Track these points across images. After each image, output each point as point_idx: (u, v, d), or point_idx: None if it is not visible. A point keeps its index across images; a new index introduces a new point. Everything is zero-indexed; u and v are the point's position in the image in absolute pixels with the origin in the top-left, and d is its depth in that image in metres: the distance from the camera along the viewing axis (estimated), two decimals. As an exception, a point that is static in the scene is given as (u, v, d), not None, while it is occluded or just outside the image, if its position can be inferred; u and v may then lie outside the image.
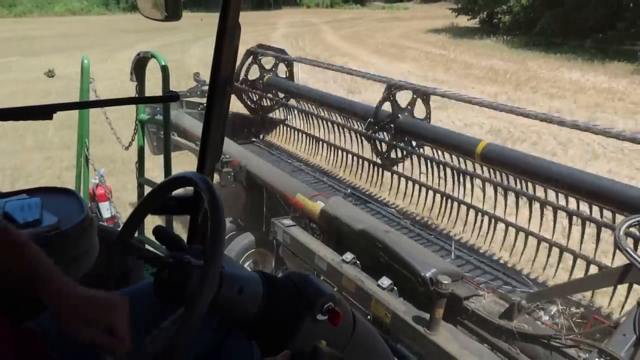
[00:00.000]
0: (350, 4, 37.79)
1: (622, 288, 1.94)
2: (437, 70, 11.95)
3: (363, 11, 34.04)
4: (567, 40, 16.02)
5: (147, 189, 2.53)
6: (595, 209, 2.27)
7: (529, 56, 14.40)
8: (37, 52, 13.88)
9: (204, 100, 4.28)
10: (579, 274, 2.30)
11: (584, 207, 2.32)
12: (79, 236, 1.32)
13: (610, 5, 15.27)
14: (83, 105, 2.82)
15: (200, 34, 16.60)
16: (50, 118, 1.18)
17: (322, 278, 2.29)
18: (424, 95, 3.19)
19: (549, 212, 2.47)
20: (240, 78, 4.26)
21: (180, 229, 3.10)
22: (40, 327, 0.99)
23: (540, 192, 2.48)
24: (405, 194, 3.20)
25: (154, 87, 2.85)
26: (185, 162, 4.72)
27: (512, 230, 2.61)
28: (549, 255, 2.48)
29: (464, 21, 22.42)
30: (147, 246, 2.05)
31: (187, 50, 14.56)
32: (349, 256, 2.25)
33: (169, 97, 2.16)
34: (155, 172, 3.54)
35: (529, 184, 2.50)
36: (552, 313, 2.07)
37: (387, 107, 3.24)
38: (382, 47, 15.88)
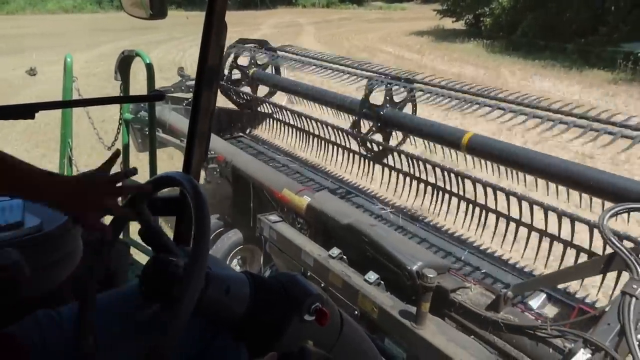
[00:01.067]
0: (346, 4, 37.02)
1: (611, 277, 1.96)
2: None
3: (357, 12, 33.54)
4: (550, 44, 15.47)
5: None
6: (586, 197, 2.29)
7: (506, 62, 13.93)
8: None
9: (189, 95, 4.25)
10: (569, 263, 2.32)
11: (575, 197, 2.33)
12: (62, 237, 1.31)
13: (595, 7, 14.94)
14: (66, 104, 2.78)
15: (176, 34, 16.43)
16: (33, 117, 1.16)
17: (309, 274, 2.29)
18: (411, 91, 3.20)
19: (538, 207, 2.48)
20: (225, 74, 4.22)
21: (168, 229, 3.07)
22: (22, 331, 0.98)
23: (529, 182, 2.50)
24: (395, 186, 3.21)
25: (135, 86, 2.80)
26: (171, 159, 4.68)
27: (502, 221, 2.62)
28: (529, 242, 2.50)
29: (449, 23, 22.09)
30: (131, 248, 2.04)
31: (150, 52, 14.22)
32: (335, 251, 2.26)
33: (154, 97, 2.14)
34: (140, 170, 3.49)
35: (518, 174, 2.52)
36: (538, 303, 2.10)
37: (373, 100, 3.24)
38: (355, 50, 15.46)
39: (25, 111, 1.14)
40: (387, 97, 3.14)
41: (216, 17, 1.17)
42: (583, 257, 2.24)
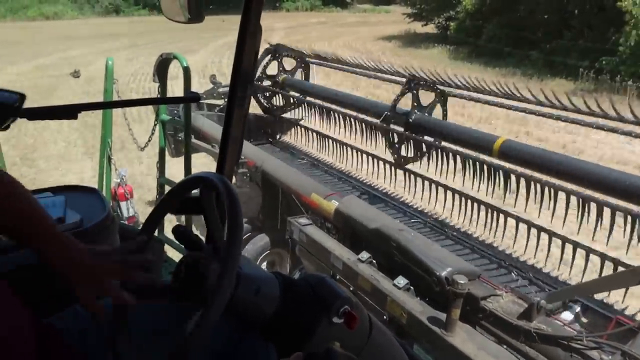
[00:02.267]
0: (330, 7, 35.96)
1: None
2: (343, 87, 10.08)
3: (338, 15, 32.57)
4: (515, 51, 14.61)
5: (168, 189, 2.56)
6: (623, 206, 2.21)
7: (466, 69, 12.86)
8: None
9: (220, 102, 4.33)
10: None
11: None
12: (100, 234, 1.35)
13: (562, 12, 14.06)
14: (106, 105, 2.88)
15: (138, 41, 16.70)
16: (75, 117, 1.21)
17: (337, 277, 2.29)
18: (441, 95, 3.18)
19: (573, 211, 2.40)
20: (257, 75, 4.27)
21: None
22: (62, 323, 1.01)
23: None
24: (422, 192, 3.18)
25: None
26: (202, 165, 4.78)
27: (533, 231, 2.56)
28: (564, 254, 2.43)
29: (420, 27, 21.28)
30: (165, 245, 2.08)
31: (82, 64, 13.40)
32: (364, 255, 2.25)
33: (190, 98, 2.19)
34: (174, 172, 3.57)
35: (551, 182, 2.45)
36: (574, 314, 2.04)
37: (402, 105, 3.23)
38: None
39: (68, 112, 1.19)
40: (415, 103, 3.12)
41: (252, 20, 1.19)
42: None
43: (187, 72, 2.56)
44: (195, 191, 1.15)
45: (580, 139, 7.11)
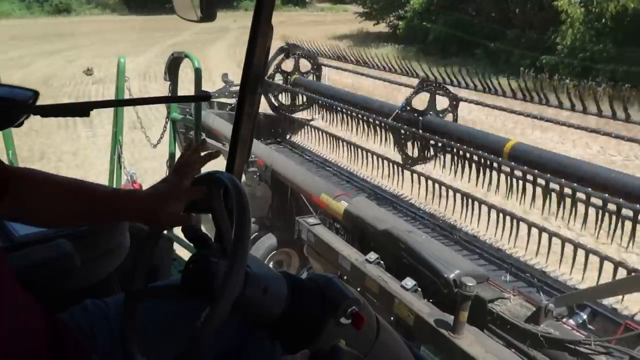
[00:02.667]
0: (289, 6, 34.52)
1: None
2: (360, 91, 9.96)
3: (295, 14, 30.89)
4: (462, 49, 14.47)
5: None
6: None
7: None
8: None
9: (232, 100, 4.35)
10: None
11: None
12: (110, 231, 1.37)
13: (506, 11, 14.01)
14: (118, 103, 2.90)
15: (84, 42, 16.38)
16: (88, 115, 1.23)
17: (345, 278, 2.29)
18: (454, 100, 3.18)
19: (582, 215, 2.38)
20: (269, 72, 4.28)
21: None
22: (73, 319, 1.03)
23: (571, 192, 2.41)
24: (433, 194, 3.17)
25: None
26: (212, 163, 4.79)
27: (545, 235, 2.54)
28: (577, 260, 2.41)
29: (372, 27, 20.59)
30: (174, 244, 2.10)
31: (18, 67, 13.05)
32: (372, 256, 2.25)
33: (201, 97, 2.22)
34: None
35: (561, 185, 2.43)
36: (582, 318, 2.02)
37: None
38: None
39: (81, 109, 1.21)
40: (430, 104, 3.12)
41: (263, 20, 1.19)
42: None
43: (198, 71, 2.58)
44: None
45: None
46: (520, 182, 2.57)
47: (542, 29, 12.42)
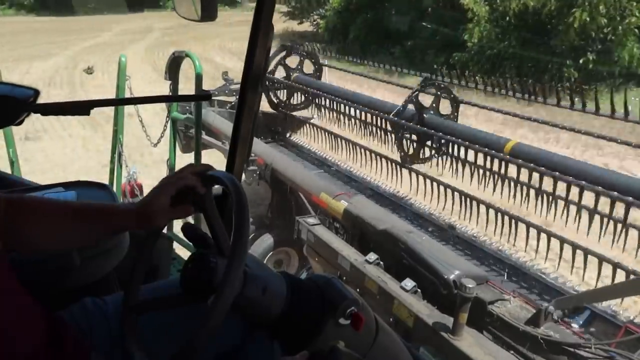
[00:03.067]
0: (219, 5, 34.50)
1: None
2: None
3: (225, 14, 28.83)
4: (381, 47, 14.37)
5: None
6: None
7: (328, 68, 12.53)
8: None
9: (232, 99, 4.34)
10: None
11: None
12: None
13: (421, 9, 14.11)
14: (119, 102, 2.90)
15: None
16: (88, 114, 1.22)
17: (344, 278, 2.29)
18: (454, 102, 3.18)
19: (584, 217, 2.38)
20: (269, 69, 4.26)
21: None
22: (71, 317, 1.03)
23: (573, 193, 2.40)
24: (432, 195, 3.16)
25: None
26: (212, 161, 4.79)
27: (543, 236, 2.54)
28: (577, 262, 2.41)
29: (304, 26, 19.99)
30: (174, 243, 2.10)
31: None
32: (372, 256, 2.25)
33: (201, 96, 2.21)
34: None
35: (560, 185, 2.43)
36: (582, 321, 2.02)
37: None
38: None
39: (81, 108, 1.20)
40: (434, 105, 3.12)
41: (263, 19, 1.19)
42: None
43: (199, 70, 2.58)
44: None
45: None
46: (522, 181, 2.56)
47: (454, 27, 12.57)
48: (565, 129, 2.66)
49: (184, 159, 3.79)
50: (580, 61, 9.98)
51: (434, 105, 3.16)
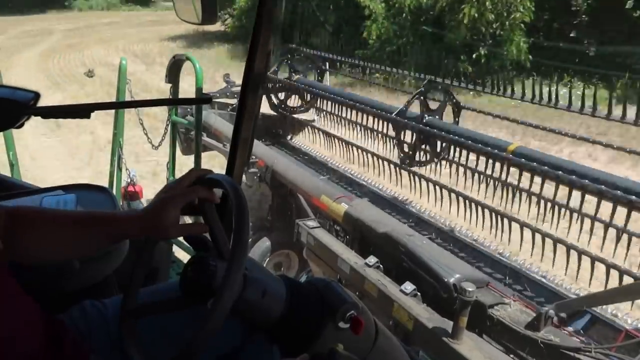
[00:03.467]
0: (130, 5, 31.05)
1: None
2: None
3: (134, 14, 27.65)
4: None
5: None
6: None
7: (232, 68, 11.28)
8: None
9: (234, 101, 4.35)
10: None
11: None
12: None
13: (324, 8, 13.83)
14: (119, 105, 2.91)
15: None
16: (89, 117, 1.23)
17: (344, 282, 2.28)
18: (456, 106, 3.17)
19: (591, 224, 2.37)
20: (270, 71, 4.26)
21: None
22: (71, 320, 1.03)
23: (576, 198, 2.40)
24: (435, 198, 3.16)
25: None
26: (213, 163, 4.80)
27: (539, 237, 2.53)
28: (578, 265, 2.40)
29: (216, 26, 18.72)
30: (174, 245, 2.10)
31: None
32: (372, 260, 2.24)
33: (202, 99, 2.22)
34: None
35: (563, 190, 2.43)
36: (583, 325, 2.01)
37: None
38: (77, 65, 12.90)
39: (82, 111, 1.21)
40: (424, 108, 3.12)
41: (264, 21, 1.19)
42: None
43: (199, 73, 2.59)
44: None
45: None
46: (524, 183, 2.56)
47: (356, 25, 12.71)
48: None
49: (181, 160, 3.79)
50: (474, 56, 10.40)
51: (439, 108, 3.15)
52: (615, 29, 11.23)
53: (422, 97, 3.15)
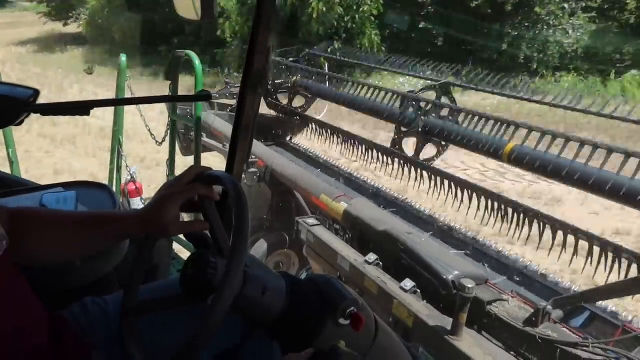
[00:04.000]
0: None
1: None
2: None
3: None
4: (149, 47, 13.89)
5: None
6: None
7: (95, 76, 11.70)
8: None
9: (234, 102, 4.35)
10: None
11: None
12: None
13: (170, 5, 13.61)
14: (119, 102, 2.91)
15: None
16: (88, 114, 1.23)
17: (344, 279, 2.29)
18: (453, 103, 3.19)
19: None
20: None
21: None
22: (72, 316, 1.03)
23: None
24: (432, 194, 3.16)
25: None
26: (213, 164, 4.80)
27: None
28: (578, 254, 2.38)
29: (62, 27, 18.04)
30: (174, 243, 2.11)
31: None
32: (372, 257, 2.25)
33: (202, 97, 2.22)
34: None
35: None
36: (581, 321, 2.02)
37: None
38: None
39: (81, 108, 1.21)
40: (436, 107, 3.13)
41: (263, 21, 1.20)
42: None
43: (198, 71, 2.60)
44: None
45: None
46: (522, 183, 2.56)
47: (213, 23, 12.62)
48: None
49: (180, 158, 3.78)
50: (329, 50, 10.50)
51: (435, 107, 3.16)
52: (461, 19, 11.67)
53: (417, 98, 3.16)
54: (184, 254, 2.19)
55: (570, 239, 2.34)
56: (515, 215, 2.58)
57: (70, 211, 1.03)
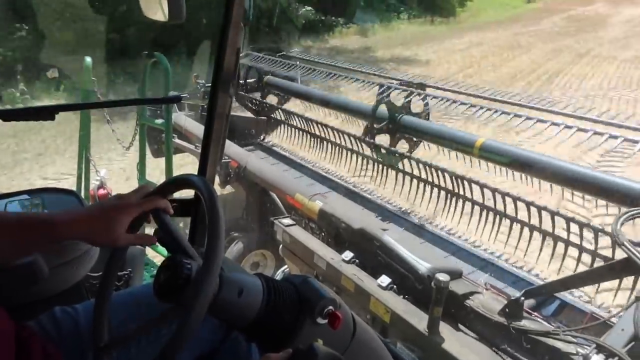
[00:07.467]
0: None
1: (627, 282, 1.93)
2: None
3: None
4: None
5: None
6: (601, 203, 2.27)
7: None
8: None
9: (204, 102, 4.30)
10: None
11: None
12: None
13: None
14: (85, 106, 2.83)
15: None
16: (53, 119, 1.19)
17: (320, 278, 2.29)
18: (427, 103, 3.24)
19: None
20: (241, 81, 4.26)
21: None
22: (40, 327, 1.01)
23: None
24: (408, 191, 3.20)
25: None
26: (186, 164, 4.74)
27: (514, 226, 2.60)
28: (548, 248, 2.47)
29: None
30: (147, 249, 2.07)
31: None
32: (348, 255, 2.26)
33: (171, 99, 2.19)
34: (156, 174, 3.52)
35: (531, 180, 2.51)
36: (552, 310, 2.08)
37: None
38: None
39: (45, 113, 1.17)
40: (406, 105, 3.17)
41: (233, 19, 1.18)
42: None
43: (167, 73, 2.55)
44: (185, 194, 1.14)
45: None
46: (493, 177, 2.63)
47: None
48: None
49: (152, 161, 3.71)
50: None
51: (405, 105, 3.19)
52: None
53: (388, 96, 3.19)
54: (158, 259, 2.15)
55: (536, 234, 2.44)
56: (484, 212, 2.67)
57: (2, 212, 0.97)
